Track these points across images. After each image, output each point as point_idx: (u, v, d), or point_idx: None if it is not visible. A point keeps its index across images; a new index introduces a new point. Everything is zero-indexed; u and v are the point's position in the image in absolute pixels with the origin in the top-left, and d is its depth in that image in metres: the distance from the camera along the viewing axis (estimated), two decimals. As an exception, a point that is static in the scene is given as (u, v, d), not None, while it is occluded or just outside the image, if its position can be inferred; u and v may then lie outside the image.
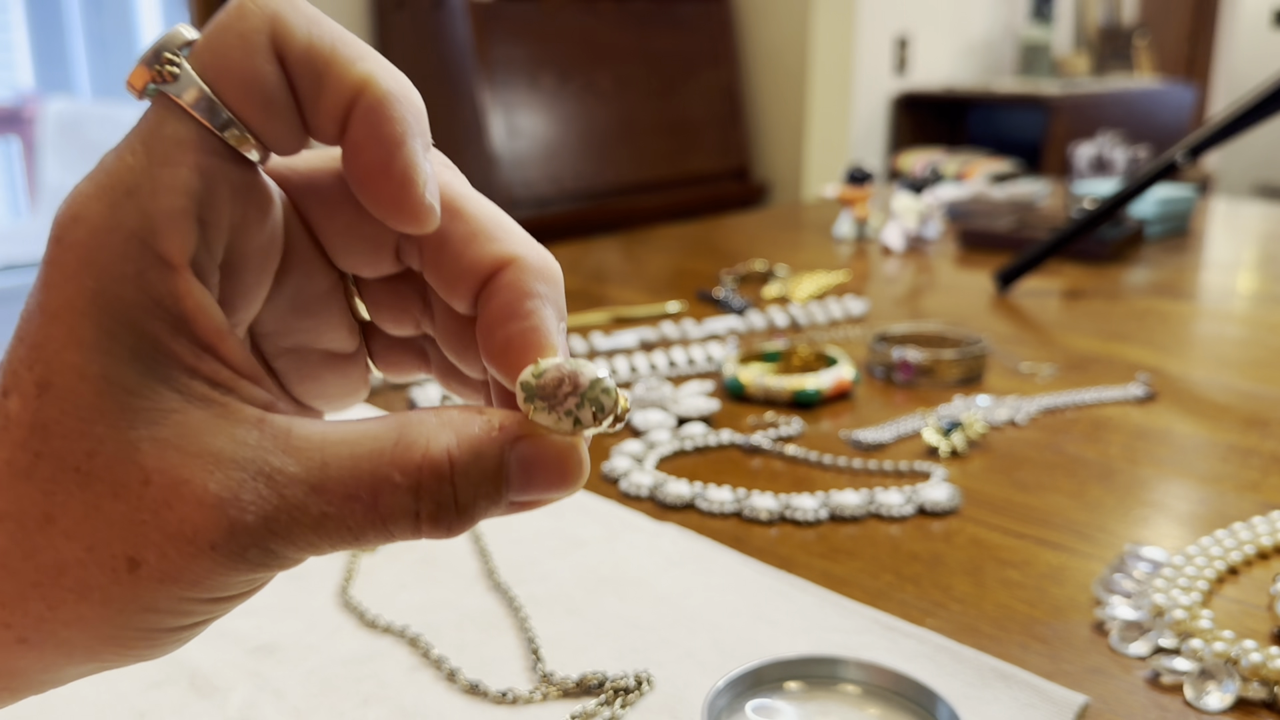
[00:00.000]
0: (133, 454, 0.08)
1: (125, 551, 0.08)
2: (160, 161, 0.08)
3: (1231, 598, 0.20)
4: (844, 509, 0.23)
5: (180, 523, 0.08)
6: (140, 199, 0.08)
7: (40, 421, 0.08)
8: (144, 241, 0.08)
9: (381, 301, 0.11)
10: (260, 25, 0.09)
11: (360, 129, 0.09)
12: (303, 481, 0.08)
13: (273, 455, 0.09)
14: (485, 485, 0.09)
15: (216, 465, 0.08)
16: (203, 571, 0.08)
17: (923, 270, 0.50)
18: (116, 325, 0.08)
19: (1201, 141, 0.41)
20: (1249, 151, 2.05)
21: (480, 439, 0.09)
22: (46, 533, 0.08)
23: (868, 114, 1.46)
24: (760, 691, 0.15)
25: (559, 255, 0.47)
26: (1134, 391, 0.31)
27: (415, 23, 1.10)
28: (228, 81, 0.08)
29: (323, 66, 0.09)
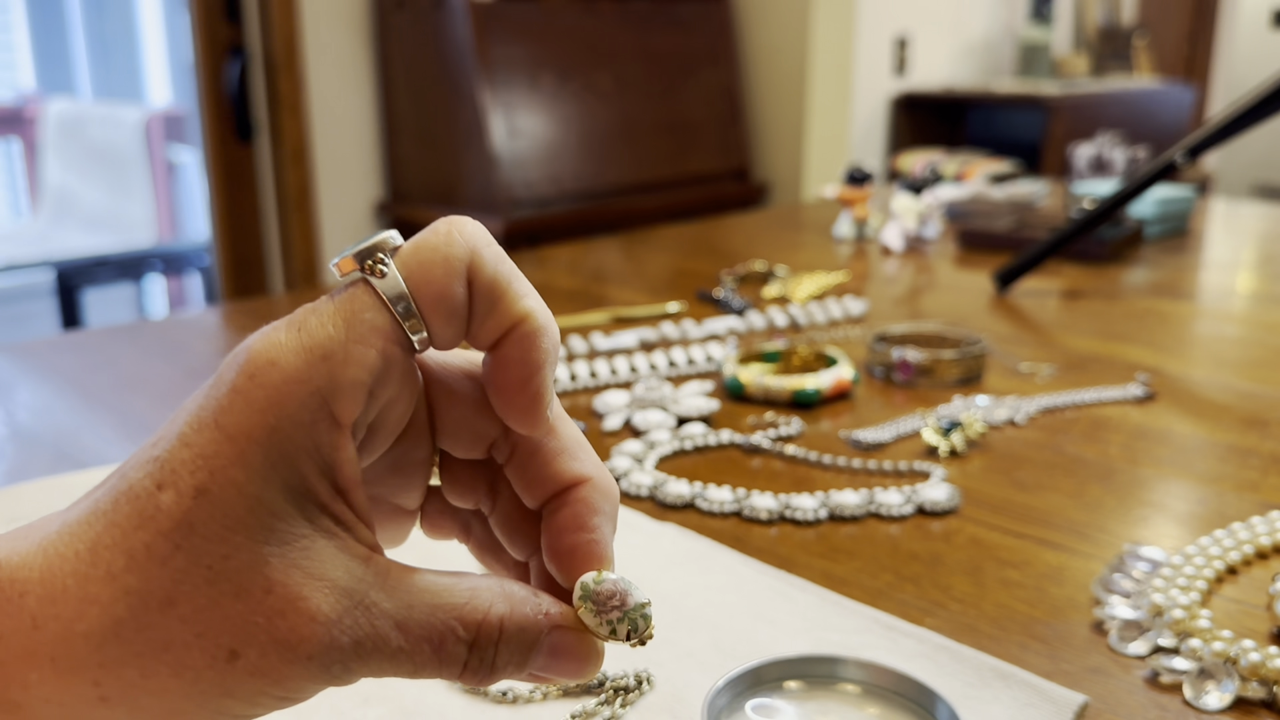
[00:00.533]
0: (262, 565, 0.10)
1: (230, 644, 0.10)
2: (356, 339, 0.10)
3: (1230, 597, 0.20)
4: (843, 509, 0.23)
5: (289, 631, 0.10)
6: (333, 365, 0.10)
7: (189, 520, 0.10)
8: (325, 400, 0.10)
9: (458, 478, 0.13)
10: (463, 255, 0.11)
11: (513, 349, 0.11)
12: (391, 617, 0.10)
13: (373, 590, 0.10)
14: (519, 655, 0.11)
15: (331, 589, 0.10)
16: (291, 675, 0.10)
17: (922, 270, 0.50)
18: (280, 459, 0.10)
19: (1200, 142, 0.41)
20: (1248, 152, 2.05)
21: (529, 617, 0.11)
22: (165, 614, 0.10)
23: (867, 114, 1.46)
24: (760, 691, 0.15)
25: (559, 255, 0.47)
26: (1133, 391, 0.31)
27: (415, 23, 1.10)
28: (426, 291, 0.11)
29: (499, 296, 0.11)
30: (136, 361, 0.35)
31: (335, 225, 1.17)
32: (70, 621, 0.10)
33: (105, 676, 0.10)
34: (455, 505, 0.13)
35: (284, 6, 1.07)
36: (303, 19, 1.09)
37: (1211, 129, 0.41)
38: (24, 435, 0.29)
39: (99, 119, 1.52)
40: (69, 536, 0.10)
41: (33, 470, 0.26)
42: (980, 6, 1.65)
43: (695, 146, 1.22)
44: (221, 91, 1.09)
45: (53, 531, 0.11)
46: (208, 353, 0.37)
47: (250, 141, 1.11)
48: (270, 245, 1.15)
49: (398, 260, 0.11)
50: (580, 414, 0.30)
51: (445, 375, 0.12)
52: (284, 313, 0.11)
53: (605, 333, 0.37)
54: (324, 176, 1.15)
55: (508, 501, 0.12)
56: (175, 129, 1.54)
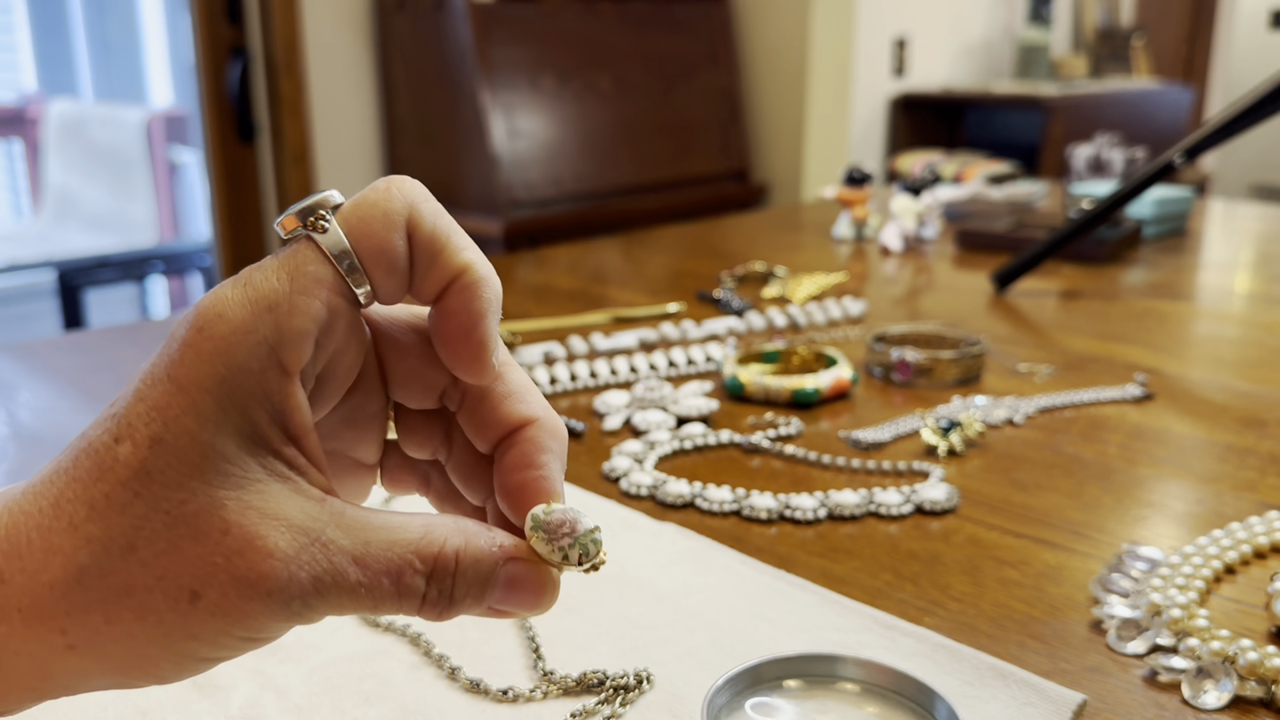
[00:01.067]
0: (218, 509, 0.10)
1: (191, 585, 0.10)
2: (300, 291, 0.11)
3: (1228, 597, 0.20)
4: (843, 508, 0.23)
5: (248, 569, 0.10)
6: (278, 315, 0.11)
7: (146, 469, 0.10)
8: (272, 349, 0.11)
9: (413, 428, 0.13)
10: (401, 209, 0.11)
11: (455, 300, 0.12)
12: (348, 553, 0.11)
13: (329, 528, 0.11)
14: (476, 586, 0.11)
15: (287, 528, 0.11)
16: (252, 613, 0.10)
17: (921, 271, 0.50)
18: (231, 406, 0.10)
19: (1198, 143, 0.41)
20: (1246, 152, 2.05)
21: (484, 549, 0.11)
22: (126, 559, 0.10)
23: (866, 115, 1.46)
24: (759, 689, 0.15)
25: (559, 256, 0.47)
26: (1131, 391, 0.31)
27: (416, 24, 1.10)
28: (367, 245, 0.11)
29: (438, 249, 0.11)
30: (138, 361, 0.36)
31: (335, 226, 1.17)
32: (35, 573, 0.10)
33: (71, 624, 0.10)
34: (413, 457, 0.13)
35: (285, 8, 1.07)
36: (304, 20, 1.09)
37: (1209, 130, 0.41)
38: (26, 435, 0.29)
39: (100, 120, 1.52)
40: (32, 495, 0.11)
41: (34, 470, 0.26)
42: (979, 8, 1.65)
43: (695, 147, 1.22)
44: (223, 92, 1.09)
45: (17, 493, 0.11)
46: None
47: (252, 142, 1.11)
48: (271, 246, 1.15)
49: (339, 217, 0.11)
50: (580, 414, 0.30)
51: (392, 329, 0.12)
52: None
53: (605, 333, 0.37)
54: (325, 177, 1.15)
55: (462, 449, 0.13)
56: (177, 130, 1.54)
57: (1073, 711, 0.16)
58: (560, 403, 0.31)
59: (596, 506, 0.23)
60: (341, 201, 0.11)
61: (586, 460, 0.27)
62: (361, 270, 0.11)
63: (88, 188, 1.54)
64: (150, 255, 1.40)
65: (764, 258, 0.51)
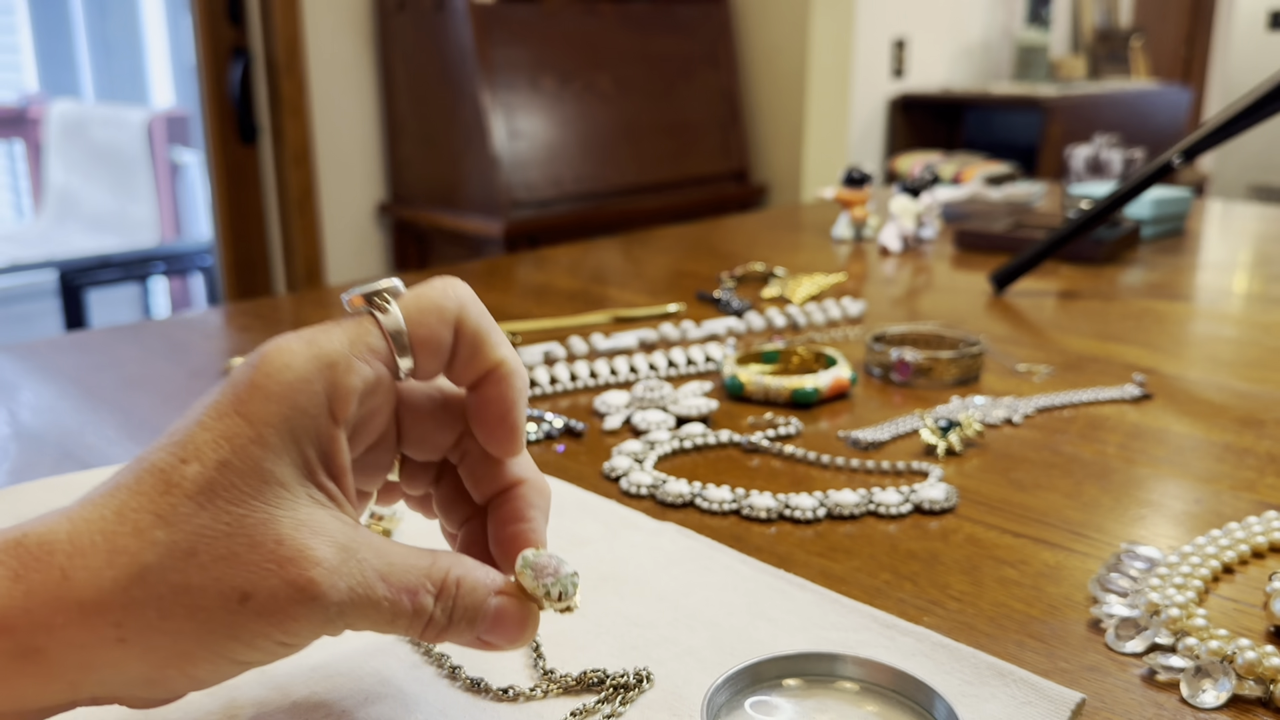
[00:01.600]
0: (274, 524, 0.12)
1: (243, 587, 0.12)
2: (357, 356, 0.13)
3: (1226, 596, 0.20)
4: (842, 508, 0.23)
5: (297, 574, 0.12)
6: (336, 373, 0.13)
7: (212, 486, 0.12)
8: (327, 400, 0.13)
9: (413, 473, 0.16)
10: (454, 307, 0.14)
11: (493, 389, 0.14)
12: (377, 571, 0.13)
13: (362, 549, 0.13)
14: (469, 612, 0.13)
15: (331, 543, 0.12)
16: (296, 615, 0.12)
17: (920, 271, 0.50)
18: (291, 442, 0.13)
19: (1197, 143, 0.41)
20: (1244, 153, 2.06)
21: (480, 580, 0.14)
22: (188, 561, 0.12)
23: (865, 116, 1.46)
24: (759, 688, 0.15)
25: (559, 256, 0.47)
26: (1130, 391, 0.31)
27: (417, 25, 1.10)
28: (420, 331, 0.14)
29: (480, 344, 0.14)
30: (140, 361, 0.36)
31: (337, 226, 1.17)
32: (99, 570, 0.12)
33: (127, 617, 0.12)
34: (409, 492, 0.16)
35: (286, 9, 1.07)
36: (305, 21, 1.09)
37: (1208, 130, 0.41)
38: (28, 435, 0.29)
39: (102, 120, 1.53)
40: (92, 506, 0.12)
41: (36, 470, 0.26)
42: (978, 9, 1.65)
43: (695, 148, 1.22)
44: (224, 93, 1.09)
45: (74, 507, 0.12)
46: (211, 352, 0.37)
47: (253, 143, 1.11)
48: (273, 246, 1.15)
49: (400, 303, 0.14)
50: (581, 414, 0.30)
51: (414, 397, 0.15)
52: (286, 313, 0.13)
53: (605, 333, 0.38)
54: (326, 178, 1.15)
55: (448, 486, 0.15)
56: (178, 130, 1.54)
57: (1071, 710, 0.16)
58: (560, 402, 0.31)
59: (597, 506, 0.23)
60: (403, 291, 0.14)
61: (587, 460, 0.27)
62: (410, 350, 0.13)
63: (89, 188, 1.54)
64: (152, 255, 1.41)
65: (763, 258, 0.51)
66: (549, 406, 0.31)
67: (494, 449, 0.14)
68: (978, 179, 0.69)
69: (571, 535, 0.22)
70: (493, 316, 0.14)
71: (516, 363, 0.14)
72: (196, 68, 1.10)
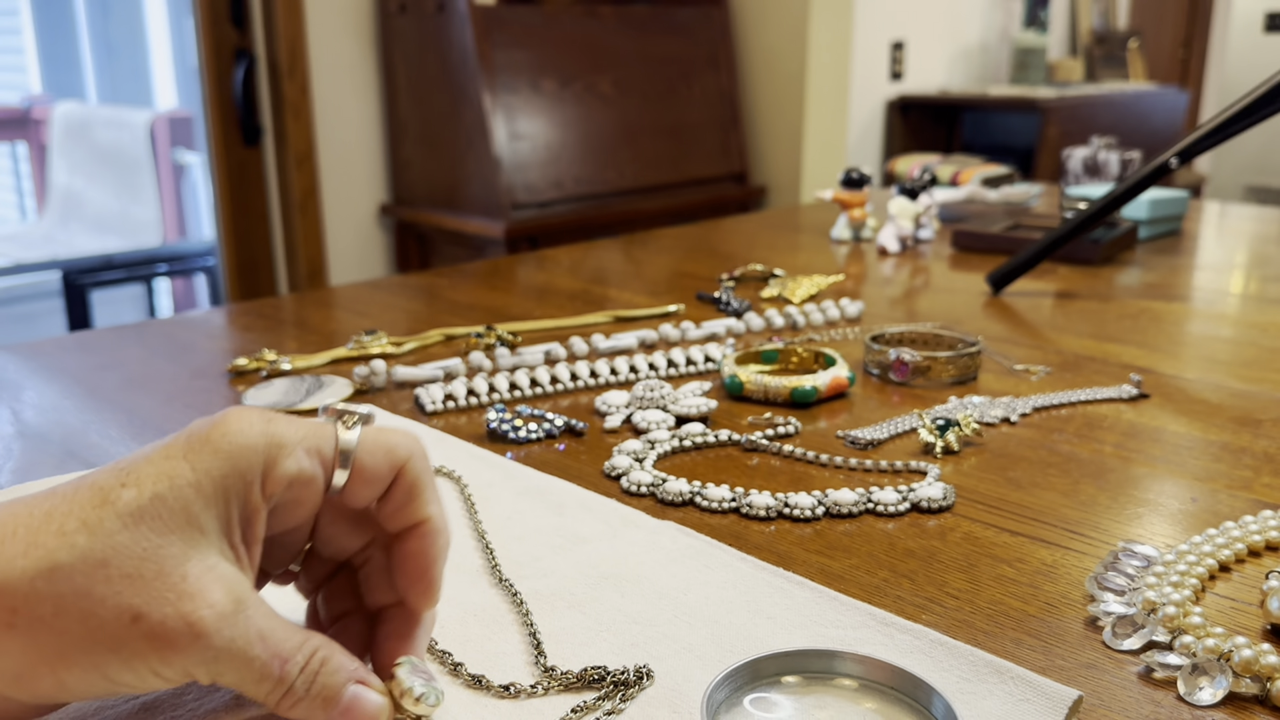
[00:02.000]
0: (184, 560, 0.13)
1: (138, 607, 0.13)
2: (303, 448, 0.15)
3: (1223, 595, 0.20)
4: (840, 506, 0.24)
5: (191, 610, 0.13)
6: (280, 453, 0.14)
7: (142, 511, 0.13)
8: (263, 473, 0.14)
9: (313, 566, 0.17)
10: (403, 455, 0.15)
11: (417, 543, 0.16)
12: (259, 631, 0.14)
13: (252, 607, 0.14)
14: (325, 692, 0.14)
15: (229, 593, 0.14)
16: (177, 648, 0.13)
17: (918, 272, 0.50)
18: (220, 498, 0.14)
19: (1193, 145, 0.41)
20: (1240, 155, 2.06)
21: (342, 664, 0.15)
22: (96, 570, 0.13)
23: (864, 118, 1.47)
24: (758, 685, 0.15)
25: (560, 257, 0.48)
26: (1127, 391, 0.31)
27: (418, 27, 1.10)
28: (365, 459, 0.15)
29: (415, 495, 0.16)
30: (143, 361, 0.36)
31: (339, 227, 1.18)
32: (13, 557, 0.13)
33: (24, 605, 0.12)
34: (305, 580, 0.17)
35: (288, 11, 1.08)
36: (307, 23, 1.09)
37: (1204, 132, 0.41)
38: (31, 434, 0.29)
39: (105, 122, 1.53)
40: (23, 504, 0.13)
41: (40, 469, 0.27)
42: (976, 11, 1.66)
43: (695, 150, 1.23)
44: (227, 95, 1.09)
45: (9, 502, 0.13)
46: (214, 352, 0.37)
47: (256, 145, 1.12)
48: (275, 247, 1.15)
49: (364, 430, 0.15)
50: (581, 413, 0.30)
51: (335, 507, 0.16)
52: (289, 313, 0.13)
53: (606, 334, 0.38)
54: (328, 179, 1.16)
55: (339, 583, 0.17)
56: (181, 132, 1.54)
57: (1068, 707, 0.16)
58: (561, 402, 0.31)
59: (597, 505, 0.24)
60: (373, 422, 0.15)
61: (587, 459, 0.27)
62: (349, 470, 0.15)
63: (93, 189, 1.54)
64: (155, 256, 1.41)
65: (763, 259, 0.51)
66: (550, 406, 0.31)
67: (411, 600, 0.16)
68: (975, 180, 0.69)
69: (572, 533, 0.22)
70: (493, 319, 0.15)
71: (443, 522, 0.16)
72: (199, 70, 1.10)
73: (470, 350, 0.36)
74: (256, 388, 0.32)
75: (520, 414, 0.29)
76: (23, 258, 1.38)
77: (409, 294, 0.46)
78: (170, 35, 1.72)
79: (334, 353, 0.36)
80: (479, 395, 0.31)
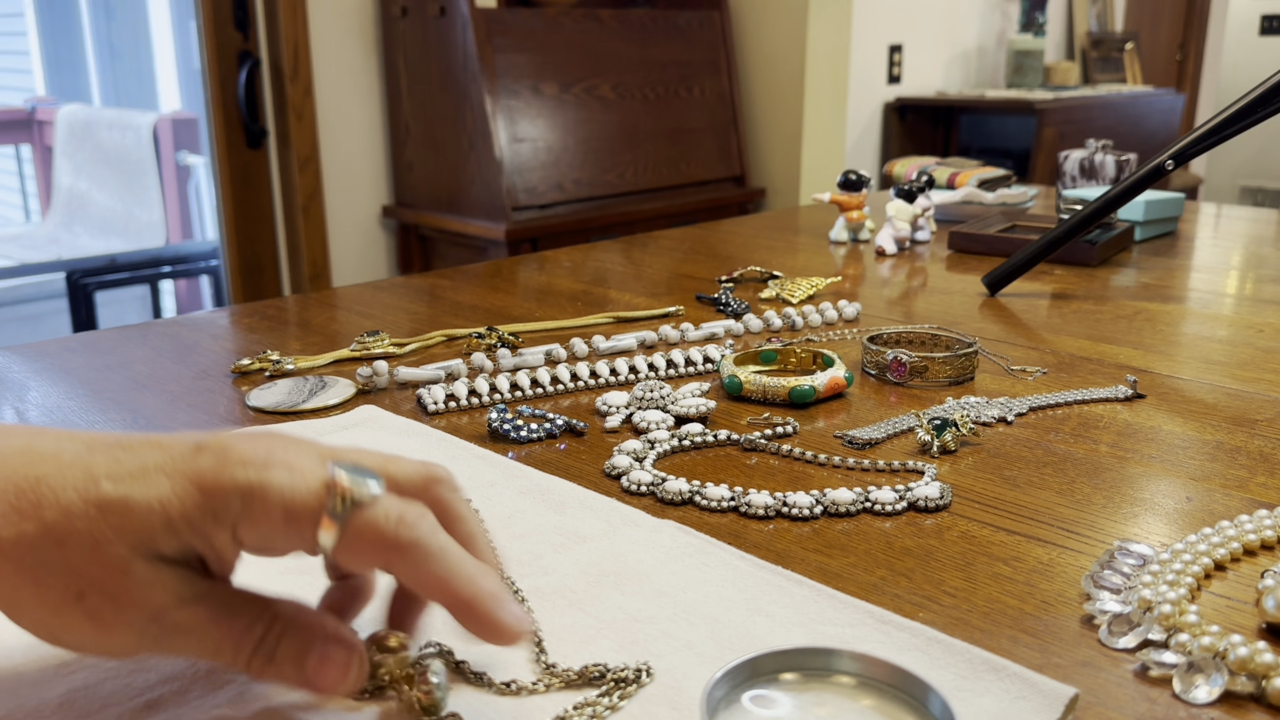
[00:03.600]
0: (133, 561, 0.14)
1: (82, 588, 0.14)
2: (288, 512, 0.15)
3: (1218, 593, 0.21)
4: (838, 505, 0.24)
5: (130, 599, 0.14)
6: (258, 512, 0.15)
7: (110, 509, 0.14)
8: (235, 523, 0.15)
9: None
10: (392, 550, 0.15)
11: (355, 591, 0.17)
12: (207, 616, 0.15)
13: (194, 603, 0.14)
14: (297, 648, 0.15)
15: (171, 595, 0.14)
16: (110, 629, 0.14)
17: (915, 274, 0.50)
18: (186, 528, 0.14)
19: (1188, 147, 0.41)
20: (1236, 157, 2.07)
21: (310, 623, 0.15)
22: (55, 546, 0.14)
23: (862, 121, 1.47)
24: (757, 682, 0.15)
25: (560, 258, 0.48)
26: (1122, 391, 0.31)
27: (420, 30, 1.10)
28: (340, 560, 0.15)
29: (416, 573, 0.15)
30: (147, 361, 0.36)
31: (343, 229, 1.18)
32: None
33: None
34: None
35: (291, 15, 1.08)
36: (310, 27, 1.10)
37: (1199, 135, 0.41)
38: (34, 436, 0.29)
39: (109, 124, 1.53)
40: (33, 459, 0.14)
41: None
42: (973, 15, 1.67)
43: (694, 152, 1.23)
44: (230, 98, 1.10)
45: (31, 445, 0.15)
46: (218, 353, 0.37)
47: (259, 147, 1.12)
48: (279, 249, 1.16)
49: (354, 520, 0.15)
50: (582, 413, 0.30)
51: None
52: (293, 314, 0.13)
53: (606, 334, 0.38)
54: (331, 182, 1.16)
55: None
56: (185, 134, 1.55)
57: (1065, 705, 0.17)
58: (562, 402, 0.31)
59: (597, 504, 0.24)
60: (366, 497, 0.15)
61: (588, 459, 0.27)
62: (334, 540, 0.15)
63: (97, 191, 1.55)
64: (159, 258, 1.41)
65: (761, 261, 0.52)
66: (550, 406, 0.31)
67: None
68: (972, 183, 0.69)
69: (573, 532, 0.22)
70: (495, 320, 0.15)
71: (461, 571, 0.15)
72: (203, 72, 1.10)
73: (472, 351, 0.36)
74: (260, 388, 0.32)
75: (521, 414, 0.29)
76: (28, 259, 1.39)
77: (411, 295, 0.46)
78: (174, 38, 1.72)
79: (337, 353, 0.36)
80: (480, 395, 0.31)
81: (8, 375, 0.34)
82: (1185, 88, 1.95)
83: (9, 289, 1.49)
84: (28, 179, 1.74)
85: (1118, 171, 0.60)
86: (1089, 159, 0.62)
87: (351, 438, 0.28)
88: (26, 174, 1.74)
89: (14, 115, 1.69)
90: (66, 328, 1.34)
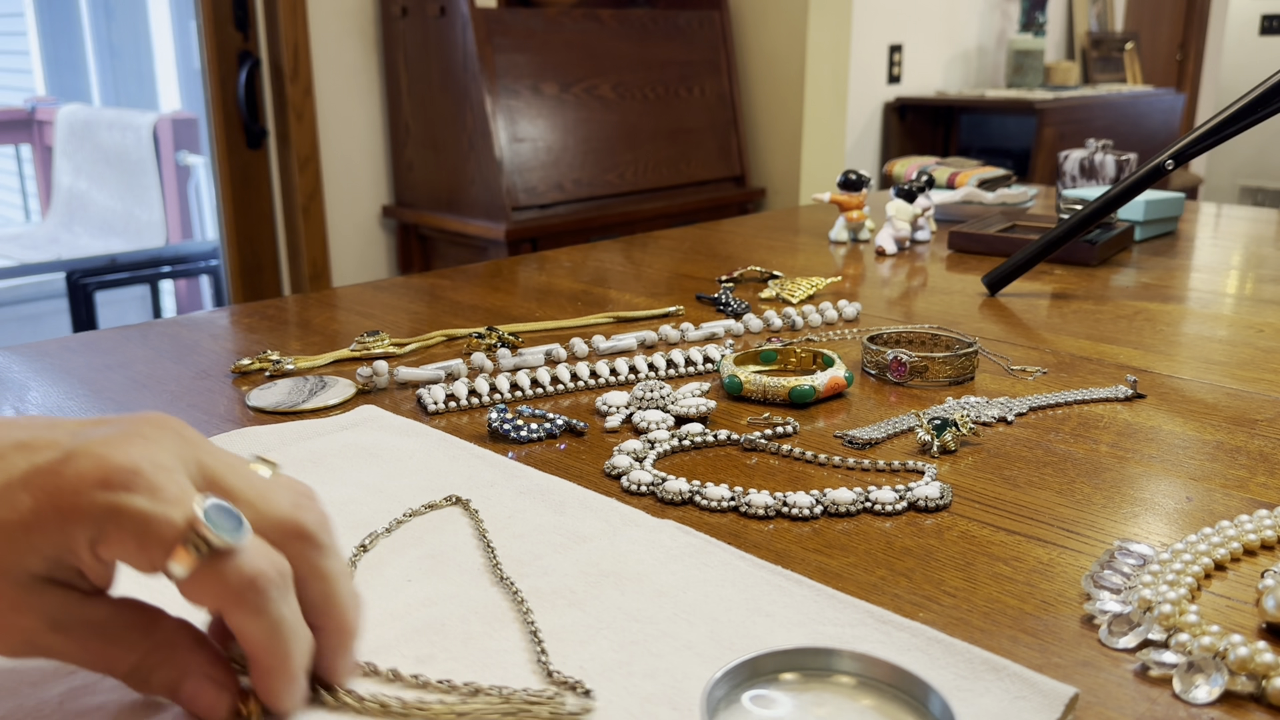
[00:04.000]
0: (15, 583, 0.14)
1: None
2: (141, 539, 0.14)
3: (1218, 593, 0.21)
4: (838, 505, 0.24)
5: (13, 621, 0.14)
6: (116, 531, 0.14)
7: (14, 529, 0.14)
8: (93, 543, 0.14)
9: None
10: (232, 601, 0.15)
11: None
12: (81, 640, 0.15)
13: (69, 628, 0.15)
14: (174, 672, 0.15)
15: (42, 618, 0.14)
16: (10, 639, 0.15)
17: (915, 273, 0.50)
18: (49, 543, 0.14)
19: (1188, 147, 0.41)
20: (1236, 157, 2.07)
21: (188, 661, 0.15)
22: None
23: (862, 121, 1.47)
24: (757, 682, 0.15)
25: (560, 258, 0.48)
26: (1122, 391, 0.31)
27: (420, 30, 1.10)
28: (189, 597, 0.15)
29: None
30: (148, 361, 0.36)
31: (343, 229, 1.18)
32: None
33: None
34: None
35: (291, 15, 1.08)
36: (310, 27, 1.10)
37: (1199, 134, 0.41)
38: (34, 435, 0.29)
39: (109, 124, 1.53)
40: None
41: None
42: (973, 15, 1.67)
43: (694, 152, 1.23)
44: (230, 98, 1.10)
45: None
46: (218, 352, 0.37)
47: (259, 147, 1.12)
48: (279, 249, 1.16)
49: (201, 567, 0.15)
50: (582, 413, 0.30)
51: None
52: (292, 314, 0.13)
53: (606, 334, 0.38)
54: (331, 182, 1.16)
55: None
56: (185, 134, 1.55)
57: (1065, 705, 0.17)
58: (562, 402, 0.32)
59: (597, 504, 0.24)
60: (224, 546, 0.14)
61: (588, 458, 0.27)
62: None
63: (97, 191, 1.55)
64: (159, 258, 1.42)
65: (761, 260, 0.52)
66: (550, 406, 0.31)
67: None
68: (972, 182, 0.69)
69: (573, 532, 0.22)
70: (495, 320, 0.14)
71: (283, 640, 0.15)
72: (202, 72, 1.11)
73: (472, 351, 0.36)
74: (260, 388, 0.32)
75: (521, 414, 0.29)
76: (28, 259, 1.39)
77: (411, 295, 0.46)
78: (174, 38, 1.72)
79: (337, 353, 0.36)
80: (480, 395, 0.31)
81: (8, 375, 0.34)
82: (1185, 88, 1.95)
83: (9, 289, 1.49)
84: (28, 179, 1.74)
85: (1118, 171, 0.60)
86: (1089, 159, 0.62)
87: (351, 438, 0.28)
88: (26, 174, 1.74)
89: (14, 115, 1.69)
90: (66, 328, 1.34)
